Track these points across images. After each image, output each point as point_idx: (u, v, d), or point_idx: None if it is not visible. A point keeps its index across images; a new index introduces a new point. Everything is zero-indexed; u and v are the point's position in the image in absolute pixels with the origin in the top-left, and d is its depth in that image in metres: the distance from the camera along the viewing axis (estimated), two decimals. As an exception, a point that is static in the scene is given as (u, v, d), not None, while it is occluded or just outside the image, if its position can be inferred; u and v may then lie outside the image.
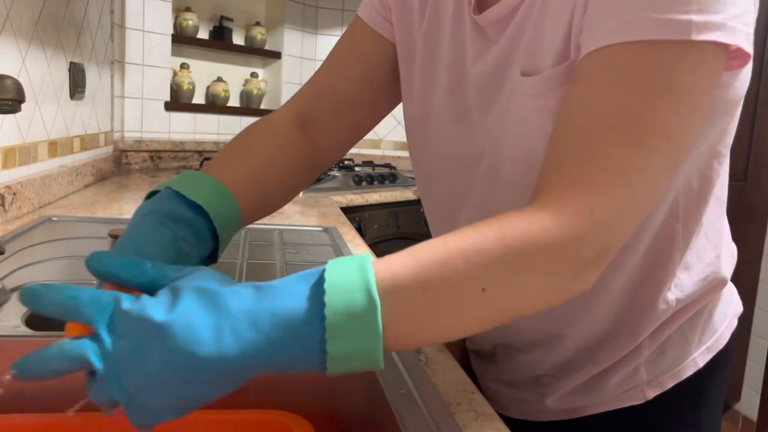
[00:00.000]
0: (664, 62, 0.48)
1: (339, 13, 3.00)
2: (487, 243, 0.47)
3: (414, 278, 0.45)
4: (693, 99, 0.50)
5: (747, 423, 2.73)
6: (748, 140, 2.62)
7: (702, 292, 0.70)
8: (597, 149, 0.49)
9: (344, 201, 1.90)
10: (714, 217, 0.69)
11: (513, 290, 0.48)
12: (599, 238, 0.48)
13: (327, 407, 0.66)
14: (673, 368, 0.71)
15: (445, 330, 0.48)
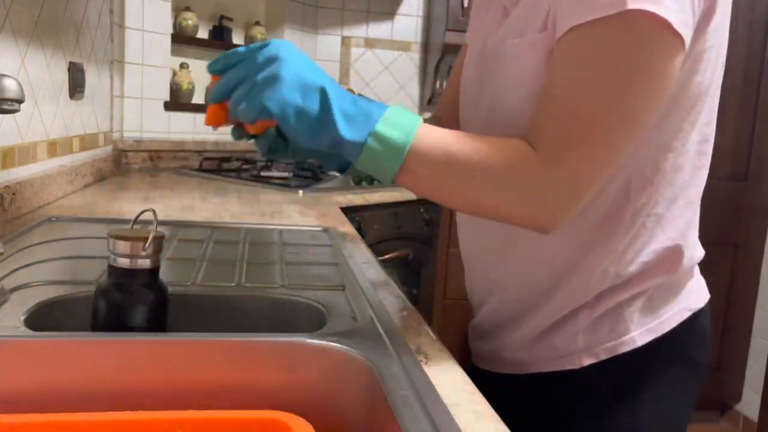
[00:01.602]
0: (615, 34, 0.61)
1: (339, 13, 2.99)
2: (493, 149, 0.64)
3: (438, 149, 0.64)
4: (641, 65, 0.62)
5: (747, 423, 2.73)
6: (749, 140, 2.62)
7: (644, 274, 0.77)
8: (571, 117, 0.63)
9: (344, 201, 1.90)
10: (675, 213, 0.77)
11: (493, 187, 0.64)
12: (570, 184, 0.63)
13: (327, 407, 0.66)
14: (609, 342, 0.78)
15: (440, 191, 0.68)
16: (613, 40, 0.62)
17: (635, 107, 0.63)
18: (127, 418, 0.52)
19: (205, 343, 0.65)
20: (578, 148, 0.63)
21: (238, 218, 1.42)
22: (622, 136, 0.64)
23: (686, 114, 0.74)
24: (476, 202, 0.67)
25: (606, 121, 0.63)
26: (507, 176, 0.64)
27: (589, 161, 0.64)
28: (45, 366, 0.62)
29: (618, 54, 0.62)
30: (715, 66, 0.73)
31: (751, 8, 2.54)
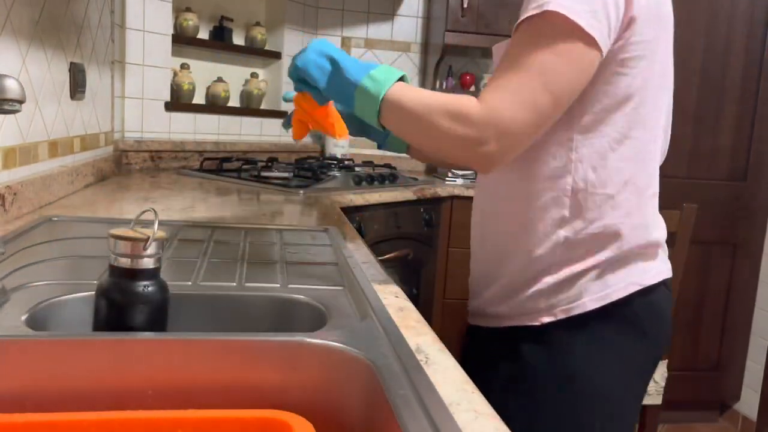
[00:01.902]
0: (540, 24, 0.83)
1: (339, 13, 3.00)
2: (443, 98, 0.86)
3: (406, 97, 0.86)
4: (567, 55, 0.82)
5: (747, 423, 2.73)
6: (748, 141, 2.62)
7: (594, 247, 0.93)
8: (505, 75, 0.84)
9: (344, 201, 1.90)
10: (625, 196, 0.93)
11: (439, 126, 0.84)
12: (493, 124, 0.82)
13: (327, 407, 0.66)
14: (565, 305, 0.94)
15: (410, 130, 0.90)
16: (536, 32, 0.84)
17: (555, 83, 0.83)
18: (127, 417, 0.53)
19: (205, 343, 0.66)
20: (504, 100, 0.83)
21: (239, 218, 1.42)
22: (545, 112, 0.84)
23: (620, 109, 0.91)
24: (434, 135, 0.87)
25: (532, 95, 0.83)
26: (456, 113, 0.84)
27: (505, 112, 0.83)
28: (45, 366, 0.63)
29: (540, 41, 0.83)
30: (647, 74, 0.91)
31: (751, 8, 2.54)
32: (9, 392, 0.62)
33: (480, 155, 0.84)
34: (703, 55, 2.54)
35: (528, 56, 0.83)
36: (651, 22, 0.90)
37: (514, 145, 0.84)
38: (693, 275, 2.63)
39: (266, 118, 2.77)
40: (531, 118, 0.83)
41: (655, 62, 0.93)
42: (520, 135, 0.84)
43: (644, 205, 0.96)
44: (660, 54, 0.94)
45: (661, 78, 0.96)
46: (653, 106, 0.95)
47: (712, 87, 2.56)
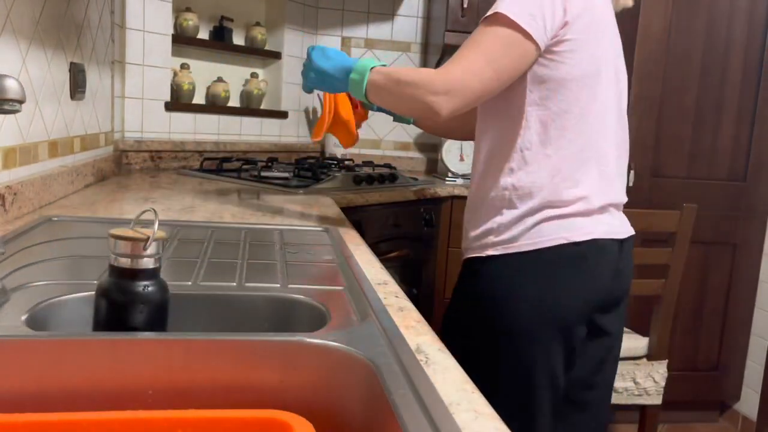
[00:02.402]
0: (491, 22, 1.13)
1: (339, 13, 3.00)
2: (413, 70, 1.18)
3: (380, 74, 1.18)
4: (507, 45, 1.12)
5: (747, 423, 2.73)
6: (747, 141, 2.62)
7: (530, 192, 1.19)
8: (460, 54, 1.14)
9: (344, 201, 1.90)
10: (558, 158, 1.18)
11: (403, 91, 1.15)
12: (445, 83, 1.11)
13: (327, 407, 0.66)
14: (507, 244, 1.21)
15: (387, 99, 1.22)
16: (488, 26, 1.14)
17: (497, 69, 1.12)
18: (127, 417, 0.53)
19: (205, 343, 0.66)
20: (452, 67, 1.13)
21: (239, 218, 1.42)
22: (477, 74, 1.12)
23: (560, 90, 1.17)
24: (407, 100, 1.17)
25: (480, 69, 1.12)
26: (419, 79, 1.14)
27: (457, 75, 1.12)
28: (45, 366, 0.63)
29: (489, 32, 1.13)
30: (582, 64, 1.16)
31: (751, 8, 2.54)
32: (9, 392, 0.62)
33: (432, 103, 1.12)
34: (703, 55, 2.54)
35: (479, 42, 1.14)
36: (583, 26, 1.16)
37: (458, 101, 1.12)
38: (693, 275, 2.63)
39: (266, 118, 2.77)
40: (475, 85, 1.12)
41: (587, 56, 1.17)
42: (465, 94, 1.12)
43: (576, 167, 1.19)
44: (592, 50, 1.18)
45: (596, 68, 1.19)
46: (590, 89, 1.19)
47: (712, 87, 2.56)
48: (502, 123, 1.23)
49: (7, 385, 0.62)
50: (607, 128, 1.22)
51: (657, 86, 2.52)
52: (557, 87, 1.17)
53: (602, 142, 1.21)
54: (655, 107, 2.53)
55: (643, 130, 2.54)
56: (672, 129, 2.57)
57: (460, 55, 1.14)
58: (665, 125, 2.56)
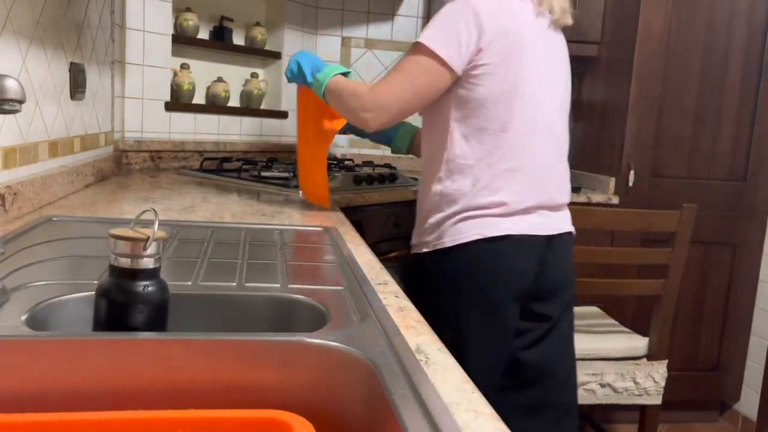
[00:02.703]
0: (414, 51, 1.34)
1: (339, 13, 3.00)
2: (353, 85, 1.43)
3: (335, 85, 1.44)
4: (426, 71, 1.32)
5: (747, 423, 2.73)
6: (747, 141, 2.62)
7: (454, 199, 1.37)
8: (387, 76, 1.38)
9: (344, 201, 1.90)
10: (478, 168, 1.35)
11: (345, 101, 1.41)
12: (374, 102, 1.35)
13: (327, 407, 0.66)
14: (436, 241, 1.40)
15: (338, 107, 1.45)
16: (411, 53, 1.35)
17: (416, 90, 1.34)
18: (127, 417, 0.53)
19: (205, 343, 0.66)
20: (381, 88, 1.36)
21: (239, 218, 1.42)
22: (398, 95, 1.35)
23: (479, 109, 1.34)
24: (347, 110, 1.42)
25: (401, 90, 1.35)
26: (357, 94, 1.38)
27: (384, 95, 1.36)
28: (45, 366, 0.63)
29: (411, 58, 1.35)
30: (498, 86, 1.32)
31: (751, 9, 2.54)
32: (9, 392, 0.62)
33: (361, 119, 1.37)
34: (703, 55, 2.54)
35: (403, 68, 1.35)
36: (498, 51, 1.32)
37: (383, 116, 1.36)
38: (693, 275, 2.63)
39: (266, 118, 2.77)
40: (396, 103, 1.35)
41: (501, 77, 1.33)
42: (388, 111, 1.35)
43: (494, 176, 1.35)
44: (509, 71, 1.33)
45: (514, 87, 1.33)
46: (507, 107, 1.34)
47: (712, 87, 2.56)
48: (434, 138, 1.43)
49: (7, 385, 0.62)
50: (533, 140, 1.37)
51: (657, 86, 2.52)
52: (476, 106, 1.34)
53: (527, 152, 1.37)
54: (655, 107, 2.53)
55: (643, 130, 2.54)
56: (672, 129, 2.57)
57: (386, 78, 1.38)
58: (665, 125, 2.56)
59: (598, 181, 2.67)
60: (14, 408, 0.61)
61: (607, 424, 2.68)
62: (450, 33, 1.30)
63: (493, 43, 1.31)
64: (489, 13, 1.32)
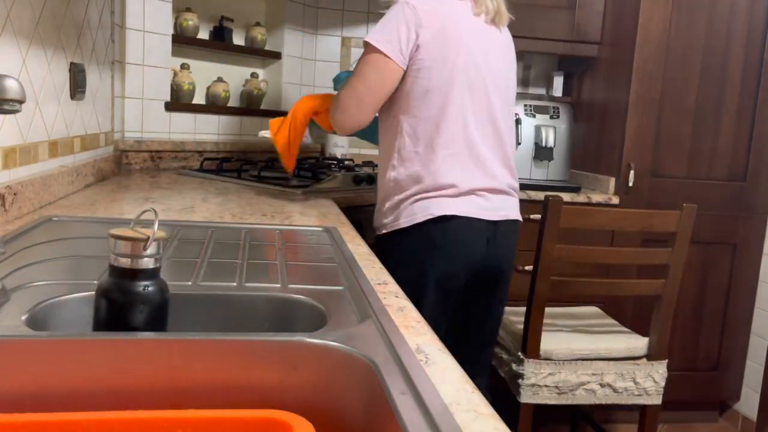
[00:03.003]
0: (364, 51, 1.50)
1: (339, 13, 3.00)
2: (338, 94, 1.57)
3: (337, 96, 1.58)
4: (373, 66, 1.48)
5: (747, 423, 2.73)
6: (747, 140, 2.62)
7: (407, 184, 1.51)
8: (347, 81, 1.54)
9: (344, 201, 1.90)
10: (425, 154, 1.49)
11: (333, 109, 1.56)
12: (337, 106, 1.54)
13: (327, 407, 0.66)
14: (392, 223, 1.54)
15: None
16: (363, 56, 1.50)
17: (367, 85, 1.49)
18: (127, 417, 0.53)
19: (205, 343, 0.66)
20: (341, 93, 1.53)
21: (239, 218, 1.43)
22: (362, 98, 1.50)
23: (423, 100, 1.48)
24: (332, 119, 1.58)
25: (354, 87, 1.50)
26: (333, 102, 1.57)
27: (342, 99, 1.52)
28: (45, 366, 0.63)
29: (362, 58, 1.50)
30: (438, 79, 1.46)
31: (751, 8, 2.54)
32: (9, 392, 0.62)
33: (334, 122, 1.56)
34: (703, 55, 2.54)
35: (356, 69, 1.51)
36: (435, 48, 1.46)
37: (347, 117, 1.52)
38: (693, 275, 2.63)
39: (266, 118, 2.77)
40: (354, 101, 1.50)
41: (437, 71, 1.47)
42: (351, 112, 1.52)
43: (440, 160, 1.48)
44: (449, 65, 1.47)
45: (450, 80, 1.47)
46: (445, 98, 1.47)
47: (712, 87, 2.56)
48: (387, 130, 1.57)
49: (7, 385, 0.62)
50: (472, 128, 1.50)
51: (657, 86, 2.52)
52: (418, 98, 1.48)
53: (467, 139, 1.50)
54: (655, 107, 2.53)
55: (643, 130, 2.54)
56: (672, 129, 2.57)
57: (347, 82, 1.53)
58: (665, 125, 2.56)
59: (598, 181, 2.67)
60: (14, 408, 0.61)
61: (607, 424, 2.68)
62: (392, 31, 1.45)
63: (431, 41, 1.45)
64: (426, 12, 1.46)
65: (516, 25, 1.72)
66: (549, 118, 2.67)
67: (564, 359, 1.88)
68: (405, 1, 1.47)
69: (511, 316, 2.14)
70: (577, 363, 1.89)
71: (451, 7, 1.51)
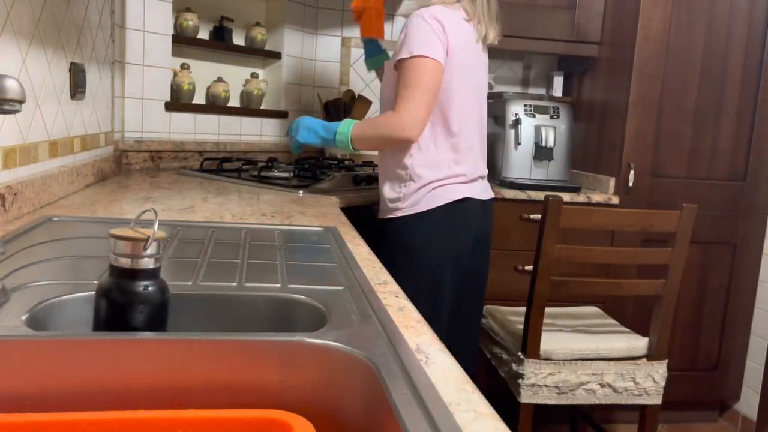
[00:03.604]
0: (409, 64, 1.66)
1: (339, 13, 3.00)
2: (381, 118, 1.74)
3: (360, 130, 1.74)
4: (419, 72, 1.65)
5: (746, 423, 2.73)
6: (747, 141, 2.62)
7: (419, 173, 1.72)
8: (401, 93, 1.67)
9: (344, 201, 1.90)
10: (432, 150, 1.73)
11: (377, 136, 1.73)
12: (404, 120, 1.65)
13: (327, 407, 0.66)
14: (407, 208, 1.75)
15: (370, 146, 1.82)
16: (412, 65, 1.65)
17: (423, 89, 1.64)
18: (127, 417, 0.53)
19: (205, 343, 0.66)
20: (405, 105, 1.64)
21: (239, 218, 1.43)
22: (422, 103, 1.64)
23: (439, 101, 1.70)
24: (383, 141, 1.74)
25: (412, 95, 1.64)
26: (386, 123, 1.68)
27: (412, 110, 1.64)
28: (45, 366, 0.63)
29: (415, 70, 1.64)
30: (452, 80, 1.70)
31: (751, 8, 2.54)
32: (9, 392, 0.62)
33: (401, 138, 1.67)
34: (703, 55, 2.54)
35: (409, 80, 1.65)
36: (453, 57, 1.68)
37: (418, 125, 1.66)
38: (693, 275, 2.63)
39: (266, 118, 2.77)
40: (423, 109, 1.65)
41: (453, 77, 1.70)
42: (420, 119, 1.65)
43: (445, 155, 1.73)
44: (457, 73, 1.70)
45: (460, 87, 1.72)
46: (452, 102, 1.72)
47: (712, 87, 2.56)
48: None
49: (7, 385, 0.62)
50: (470, 128, 1.78)
51: (657, 86, 2.52)
52: (440, 98, 1.70)
53: (472, 133, 1.79)
54: (655, 107, 2.53)
55: (643, 130, 2.54)
56: (672, 129, 2.57)
57: (402, 95, 1.65)
58: (665, 125, 2.56)
59: (598, 181, 2.67)
60: (14, 408, 0.61)
61: (607, 424, 2.68)
62: (431, 39, 1.65)
63: (451, 51, 1.68)
64: (449, 27, 1.67)
65: (516, 25, 1.73)
66: (549, 118, 2.67)
67: (564, 359, 1.88)
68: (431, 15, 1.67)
69: (511, 316, 2.14)
70: (577, 363, 1.89)
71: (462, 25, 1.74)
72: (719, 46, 2.54)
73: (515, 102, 2.67)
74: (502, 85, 3.10)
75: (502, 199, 2.43)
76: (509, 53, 3.08)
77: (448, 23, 1.67)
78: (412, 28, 1.66)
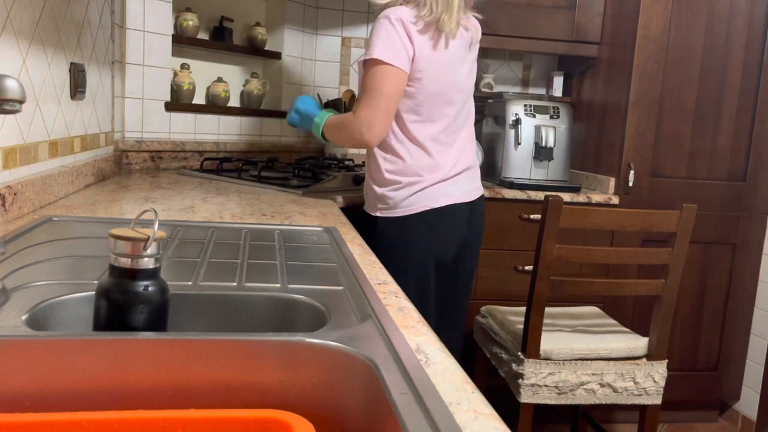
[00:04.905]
0: (369, 65, 1.64)
1: (339, 13, 3.00)
2: (338, 119, 1.77)
3: (330, 123, 1.78)
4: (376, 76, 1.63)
5: (746, 423, 2.73)
6: (747, 141, 2.62)
7: (399, 178, 1.71)
8: (359, 97, 1.67)
9: (344, 201, 1.90)
10: (415, 151, 1.71)
11: (340, 134, 1.76)
12: (360, 123, 1.64)
13: (327, 407, 0.66)
14: (389, 208, 1.73)
15: (335, 138, 1.80)
16: (375, 71, 1.62)
17: (381, 94, 1.62)
18: (127, 417, 0.53)
19: (205, 343, 0.66)
20: (362, 109, 1.63)
21: (239, 218, 1.43)
22: (378, 107, 1.62)
23: (412, 106, 1.69)
24: (345, 140, 1.75)
25: (369, 99, 1.62)
26: (348, 124, 1.68)
27: (369, 115, 1.62)
28: (45, 366, 0.63)
29: (373, 72, 1.63)
30: (426, 88, 1.67)
31: (751, 8, 2.54)
32: (9, 392, 0.62)
33: (360, 141, 1.66)
34: (703, 55, 2.54)
35: (368, 84, 1.63)
36: (423, 61, 1.65)
37: (375, 129, 1.63)
38: (693, 275, 2.63)
39: (266, 118, 2.77)
40: (380, 114, 1.63)
41: (430, 83, 1.67)
42: (377, 123, 1.63)
43: (422, 161, 1.71)
44: (434, 78, 1.68)
45: (436, 91, 1.69)
46: (431, 104, 1.70)
47: (712, 87, 2.56)
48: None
49: (7, 385, 0.62)
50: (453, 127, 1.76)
51: (657, 86, 2.52)
52: (420, 100, 1.69)
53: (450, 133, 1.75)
54: (655, 107, 2.53)
55: (642, 130, 2.54)
56: (672, 129, 2.57)
57: (360, 99, 1.65)
58: (665, 125, 2.56)
59: (598, 181, 2.67)
60: (14, 408, 0.61)
61: (607, 424, 2.68)
62: (393, 44, 1.62)
63: (419, 56, 1.65)
64: (414, 29, 1.64)
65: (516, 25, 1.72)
66: (549, 118, 2.67)
67: (564, 359, 1.88)
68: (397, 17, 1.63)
69: (510, 316, 2.14)
70: (577, 363, 1.89)
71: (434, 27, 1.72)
72: (719, 46, 2.54)
73: (515, 102, 2.67)
74: (502, 85, 3.10)
75: (502, 199, 2.43)
76: (509, 53, 3.08)
77: (415, 26, 1.63)
78: (377, 31, 1.63)
